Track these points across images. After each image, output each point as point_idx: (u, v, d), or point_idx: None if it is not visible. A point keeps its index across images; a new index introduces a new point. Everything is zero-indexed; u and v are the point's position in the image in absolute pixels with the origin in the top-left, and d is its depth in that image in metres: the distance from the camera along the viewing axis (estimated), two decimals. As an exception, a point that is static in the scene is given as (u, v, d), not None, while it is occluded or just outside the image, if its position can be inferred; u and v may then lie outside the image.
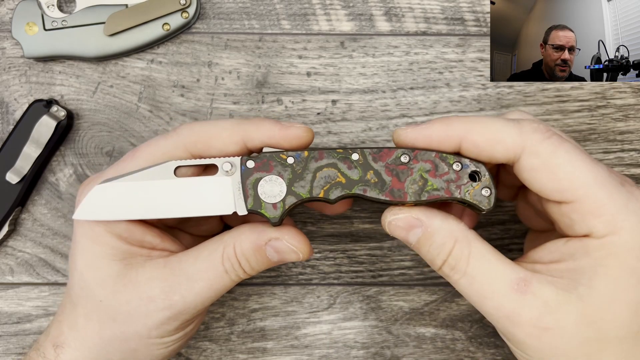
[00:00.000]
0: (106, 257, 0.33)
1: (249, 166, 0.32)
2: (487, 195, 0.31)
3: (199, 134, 0.32)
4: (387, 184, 0.31)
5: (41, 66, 0.42)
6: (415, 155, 0.31)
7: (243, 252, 0.32)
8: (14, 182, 0.40)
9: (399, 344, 0.42)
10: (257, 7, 0.42)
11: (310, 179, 0.31)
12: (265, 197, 0.31)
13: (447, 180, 0.31)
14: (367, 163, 0.31)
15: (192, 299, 0.32)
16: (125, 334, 0.33)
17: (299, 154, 0.32)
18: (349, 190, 0.31)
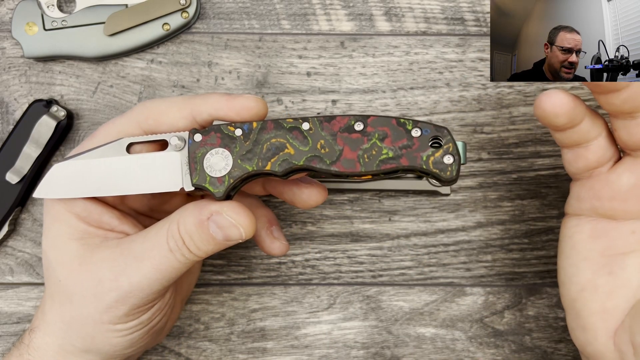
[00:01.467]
0: (65, 236, 0.32)
1: (196, 140, 0.30)
2: (449, 163, 0.29)
3: (150, 110, 0.32)
4: (338, 154, 0.29)
5: (41, 66, 0.42)
6: (369, 122, 0.29)
7: (186, 229, 0.31)
8: (13, 182, 0.40)
9: (399, 344, 0.42)
10: (257, 7, 0.42)
11: (258, 152, 0.30)
12: (211, 170, 0.30)
13: (404, 147, 0.29)
14: (318, 132, 0.29)
15: (138, 279, 0.31)
16: (80, 317, 0.32)
17: (248, 125, 0.30)
18: (297, 161, 0.30)
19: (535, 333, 0.41)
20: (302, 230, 0.42)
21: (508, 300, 0.42)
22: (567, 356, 0.41)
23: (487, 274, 0.42)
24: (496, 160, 0.42)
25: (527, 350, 0.41)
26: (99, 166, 0.32)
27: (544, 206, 0.42)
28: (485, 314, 0.42)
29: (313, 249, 0.42)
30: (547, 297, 0.42)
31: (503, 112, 0.42)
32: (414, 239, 0.42)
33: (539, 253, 0.42)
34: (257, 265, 0.42)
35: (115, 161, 0.32)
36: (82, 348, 0.33)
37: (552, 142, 0.42)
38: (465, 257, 0.42)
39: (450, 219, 0.42)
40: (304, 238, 0.42)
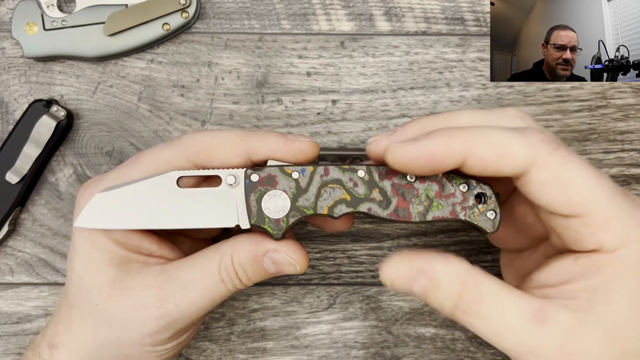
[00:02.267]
0: (103, 261, 0.32)
1: (253, 180, 0.31)
2: (492, 218, 0.31)
3: (202, 144, 0.32)
4: (392, 203, 0.31)
5: (41, 66, 0.42)
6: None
7: (240, 262, 0.32)
8: (13, 182, 0.40)
9: (399, 344, 0.42)
10: (257, 7, 0.42)
11: (314, 195, 0.31)
12: (269, 212, 0.31)
13: (452, 202, 0.31)
14: (373, 181, 0.31)
15: (187, 308, 0.32)
16: (118, 340, 0.33)
17: (304, 169, 0.31)
18: (353, 207, 0.31)
19: (535, 333, 0.41)
20: (302, 230, 0.42)
21: (508, 300, 0.42)
22: (567, 356, 0.41)
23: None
24: (496, 160, 0.42)
25: (527, 350, 0.41)
26: (148, 198, 0.32)
27: (544, 206, 0.42)
28: (485, 314, 0.42)
29: (313, 249, 0.42)
30: (547, 297, 0.41)
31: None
32: (414, 239, 0.42)
33: (539, 253, 0.42)
34: (257, 265, 0.42)
35: (165, 194, 0.31)
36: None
37: (552, 142, 0.42)
38: (465, 257, 0.42)
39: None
40: (304, 238, 0.42)
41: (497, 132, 0.29)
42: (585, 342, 0.28)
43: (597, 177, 0.28)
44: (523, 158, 0.28)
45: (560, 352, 0.28)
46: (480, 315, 0.29)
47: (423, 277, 0.29)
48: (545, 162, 0.28)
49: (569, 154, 0.28)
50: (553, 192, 0.28)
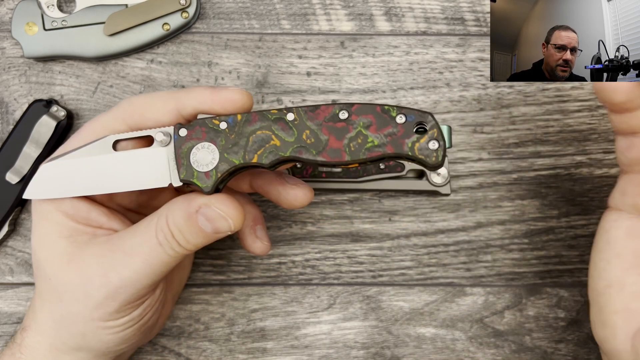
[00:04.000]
0: (53, 234, 0.32)
1: (181, 134, 0.30)
2: (434, 149, 0.29)
3: (134, 105, 0.32)
4: (324, 144, 0.29)
5: (41, 66, 0.42)
6: (354, 110, 0.29)
7: (175, 222, 0.31)
8: (13, 182, 0.40)
9: (399, 344, 0.42)
10: (257, 7, 0.42)
11: (243, 144, 0.30)
12: (198, 165, 0.30)
13: (389, 134, 0.29)
14: (303, 122, 0.30)
15: (128, 274, 0.31)
16: (71, 315, 0.32)
17: (232, 118, 0.30)
18: (283, 152, 0.30)
19: (535, 333, 0.41)
20: (302, 230, 0.42)
21: (508, 300, 0.42)
22: (567, 356, 0.41)
23: (487, 274, 0.42)
24: (496, 160, 0.42)
25: (527, 351, 0.41)
26: (86, 165, 0.32)
27: (544, 206, 0.42)
28: (485, 314, 0.42)
29: (313, 249, 0.42)
30: (547, 297, 0.42)
31: (503, 112, 0.42)
32: (414, 239, 0.42)
33: (539, 253, 0.42)
34: (257, 265, 0.42)
35: (102, 159, 0.32)
36: (74, 346, 0.33)
37: (552, 142, 0.42)
38: (465, 257, 0.42)
39: (450, 219, 0.42)
40: (304, 238, 0.42)
41: None
42: None
43: None
44: None
45: None
46: None
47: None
48: None
49: None
50: None
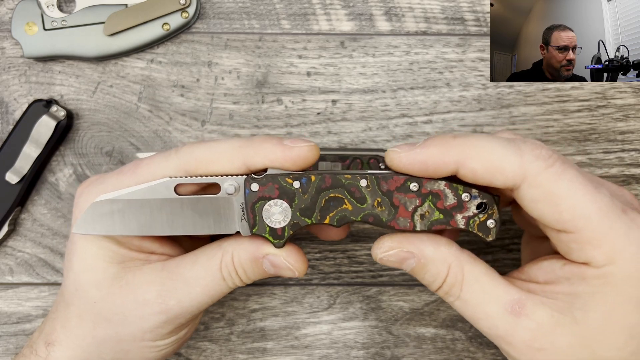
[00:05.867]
0: (103, 259, 0.33)
1: (253, 189, 0.31)
2: (491, 227, 0.31)
3: (198, 157, 0.32)
4: (394, 213, 0.31)
5: (41, 66, 0.42)
6: (424, 184, 0.31)
7: (240, 262, 0.32)
8: (13, 182, 0.40)
9: (399, 344, 0.42)
10: (257, 7, 0.42)
11: (316, 205, 0.31)
12: (270, 222, 0.31)
13: (454, 211, 0.31)
14: (375, 190, 0.31)
15: (189, 303, 0.32)
16: (119, 335, 0.33)
17: (305, 178, 0.31)
18: (355, 217, 0.31)
19: (536, 333, 0.41)
20: (301, 231, 0.42)
21: (508, 300, 0.42)
22: (567, 356, 0.41)
23: (487, 274, 0.42)
24: (496, 160, 0.42)
25: (527, 350, 0.41)
26: (145, 205, 0.32)
27: (544, 206, 0.42)
28: (485, 314, 0.42)
29: (313, 249, 0.42)
30: (547, 297, 0.41)
31: (503, 112, 0.42)
32: (414, 239, 0.42)
33: (539, 253, 0.42)
34: (257, 265, 0.42)
35: (163, 201, 0.32)
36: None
37: (552, 142, 0.42)
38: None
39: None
40: (304, 238, 0.42)
41: (492, 144, 0.29)
42: (555, 340, 0.29)
43: (593, 194, 0.29)
44: (514, 174, 0.29)
45: (530, 346, 0.29)
46: (461, 299, 0.31)
47: (412, 259, 0.31)
48: (537, 179, 0.29)
49: (564, 170, 0.29)
50: (543, 209, 0.29)
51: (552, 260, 0.31)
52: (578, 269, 0.29)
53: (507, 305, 0.30)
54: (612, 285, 0.28)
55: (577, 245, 0.29)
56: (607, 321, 0.29)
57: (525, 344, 0.29)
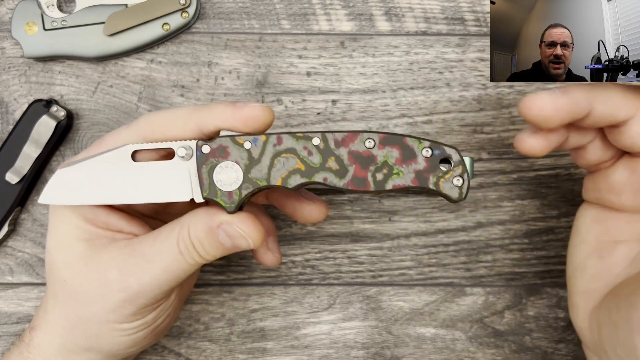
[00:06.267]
0: (71, 237, 0.33)
1: (204, 151, 0.31)
2: (458, 185, 0.29)
3: (154, 123, 0.32)
4: (349, 172, 0.30)
5: (41, 66, 0.42)
6: (381, 139, 0.30)
7: (196, 235, 0.31)
8: (13, 182, 0.40)
9: (399, 344, 0.42)
10: (257, 7, 0.42)
11: (267, 165, 0.30)
12: (221, 184, 0.30)
13: (414, 168, 0.29)
14: (329, 148, 0.30)
15: (148, 281, 0.32)
16: (86, 317, 0.33)
17: (257, 138, 0.30)
18: (308, 177, 0.30)
19: (535, 333, 0.41)
20: (302, 231, 0.42)
21: (508, 301, 0.42)
22: (567, 356, 0.41)
23: (487, 274, 0.42)
24: (496, 160, 0.42)
25: (527, 351, 0.41)
26: (104, 173, 0.32)
27: (544, 206, 0.42)
28: (485, 314, 0.42)
29: (313, 249, 0.42)
30: (547, 297, 0.42)
31: (503, 112, 0.42)
32: (414, 239, 0.42)
33: (539, 253, 0.42)
34: (257, 265, 0.42)
35: (121, 169, 0.32)
36: (85, 346, 0.33)
37: (552, 142, 0.42)
38: (465, 257, 0.42)
39: (450, 219, 0.42)
40: (304, 238, 0.42)
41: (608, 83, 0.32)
42: None
43: None
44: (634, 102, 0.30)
45: None
46: None
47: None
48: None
49: None
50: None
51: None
52: None
53: None
54: None
55: None
56: None
57: None
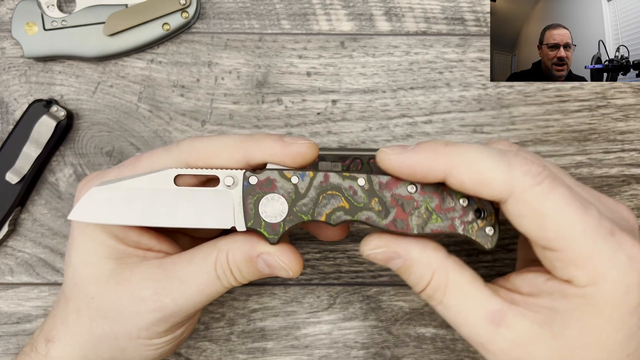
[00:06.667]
0: (101, 255, 0.33)
1: (251, 182, 0.31)
2: (490, 235, 0.31)
3: (199, 150, 0.32)
4: (391, 214, 0.31)
5: (41, 66, 0.42)
6: (422, 186, 0.31)
7: (235, 261, 0.32)
8: (13, 182, 0.40)
9: (399, 344, 0.42)
10: (257, 7, 0.42)
11: (313, 201, 0.31)
12: (266, 216, 0.31)
13: (452, 216, 0.31)
14: (373, 190, 0.31)
15: (184, 302, 0.32)
16: (115, 332, 0.33)
17: (304, 174, 0.31)
18: (351, 216, 0.31)
19: (536, 333, 0.41)
20: (302, 230, 0.42)
21: (508, 300, 0.42)
22: (567, 356, 0.41)
23: (487, 274, 0.42)
24: (496, 160, 0.42)
25: (527, 350, 0.41)
26: (144, 194, 0.31)
27: (544, 206, 0.42)
28: (485, 314, 0.42)
29: (313, 249, 0.42)
30: (547, 297, 0.42)
31: (503, 112, 0.42)
32: (414, 239, 0.42)
33: (539, 253, 0.42)
34: (257, 265, 0.42)
35: (162, 191, 0.31)
36: (108, 359, 0.34)
37: (552, 142, 0.42)
38: (465, 257, 0.42)
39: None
40: (304, 238, 0.42)
41: (482, 156, 0.29)
42: (533, 352, 0.29)
43: (579, 214, 0.28)
44: (500, 188, 0.29)
45: (509, 355, 0.30)
46: (443, 304, 0.31)
47: (399, 259, 0.31)
48: (523, 196, 0.29)
49: (552, 189, 0.28)
50: (529, 225, 0.29)
51: (536, 274, 0.31)
52: (560, 285, 0.29)
53: (488, 314, 0.30)
54: (592, 305, 0.29)
55: (561, 264, 0.29)
56: (584, 340, 0.29)
57: (504, 353, 0.30)
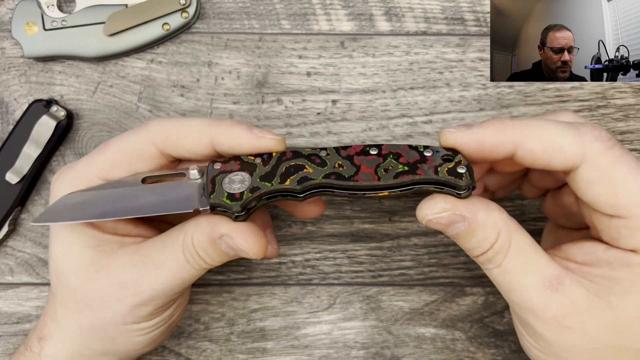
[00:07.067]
0: (78, 244, 0.32)
1: (215, 167, 0.31)
2: (463, 172, 0.30)
3: (168, 132, 0.32)
4: (356, 170, 0.30)
5: (41, 66, 0.42)
6: (384, 147, 0.31)
7: (200, 244, 0.31)
8: (13, 182, 0.40)
9: (399, 344, 0.42)
10: (257, 7, 0.42)
11: (276, 172, 0.31)
12: (229, 188, 0.31)
13: (418, 162, 0.30)
14: (335, 156, 0.31)
15: (160, 286, 0.32)
16: (101, 322, 0.32)
17: (267, 154, 0.31)
18: (315, 177, 0.30)
19: (535, 333, 0.41)
20: (302, 230, 0.42)
21: (508, 300, 0.42)
22: (567, 356, 0.41)
23: (487, 274, 0.42)
24: (496, 160, 0.42)
25: (527, 350, 0.41)
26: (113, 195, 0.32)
27: (544, 206, 0.42)
28: (485, 314, 0.42)
29: (313, 249, 0.42)
30: (547, 297, 0.42)
31: (503, 112, 0.42)
32: (414, 239, 0.42)
33: (539, 253, 0.42)
34: (257, 265, 0.42)
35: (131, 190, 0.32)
36: (101, 350, 0.34)
37: (552, 142, 0.42)
38: (465, 257, 0.42)
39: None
40: (304, 238, 0.42)
41: (550, 125, 0.29)
42: (586, 322, 0.29)
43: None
44: (573, 154, 0.28)
45: (560, 323, 0.29)
46: (502, 267, 0.30)
47: (462, 223, 0.30)
48: (596, 160, 0.28)
49: (622, 154, 0.28)
50: (599, 191, 0.29)
51: (594, 243, 0.30)
52: (623, 254, 0.29)
53: (545, 279, 0.29)
54: None
55: (628, 232, 0.28)
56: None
57: (556, 320, 0.29)
